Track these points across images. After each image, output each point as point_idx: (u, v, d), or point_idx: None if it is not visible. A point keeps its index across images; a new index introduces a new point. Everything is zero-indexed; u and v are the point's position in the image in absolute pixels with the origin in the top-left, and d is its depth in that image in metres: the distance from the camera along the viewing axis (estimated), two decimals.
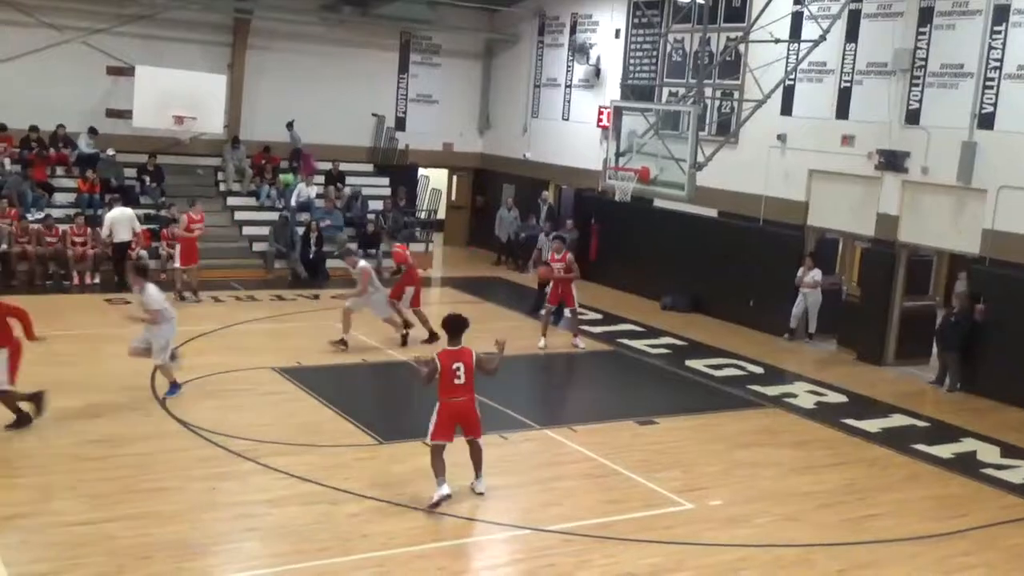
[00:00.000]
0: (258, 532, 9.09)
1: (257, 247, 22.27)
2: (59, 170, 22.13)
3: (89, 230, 19.78)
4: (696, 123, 16.97)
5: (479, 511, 9.90)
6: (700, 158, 16.78)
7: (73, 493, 9.59)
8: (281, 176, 24.02)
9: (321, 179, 24.35)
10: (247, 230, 22.70)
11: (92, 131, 22.39)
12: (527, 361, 16.30)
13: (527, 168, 26.37)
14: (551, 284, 17.28)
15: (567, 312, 17.38)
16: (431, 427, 9.85)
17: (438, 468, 9.80)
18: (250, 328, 16.49)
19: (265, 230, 22.28)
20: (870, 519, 10.44)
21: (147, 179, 22.49)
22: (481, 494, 10.13)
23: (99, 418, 11.79)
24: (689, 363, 16.62)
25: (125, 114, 22.00)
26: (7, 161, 21.45)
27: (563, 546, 9.20)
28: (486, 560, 9.17)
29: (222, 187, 23.87)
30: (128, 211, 19.64)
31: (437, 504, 9.67)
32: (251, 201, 23.74)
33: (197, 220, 19.33)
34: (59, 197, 21.44)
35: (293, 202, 23.20)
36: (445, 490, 9.73)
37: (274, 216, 22.73)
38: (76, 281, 19.37)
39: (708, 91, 19.28)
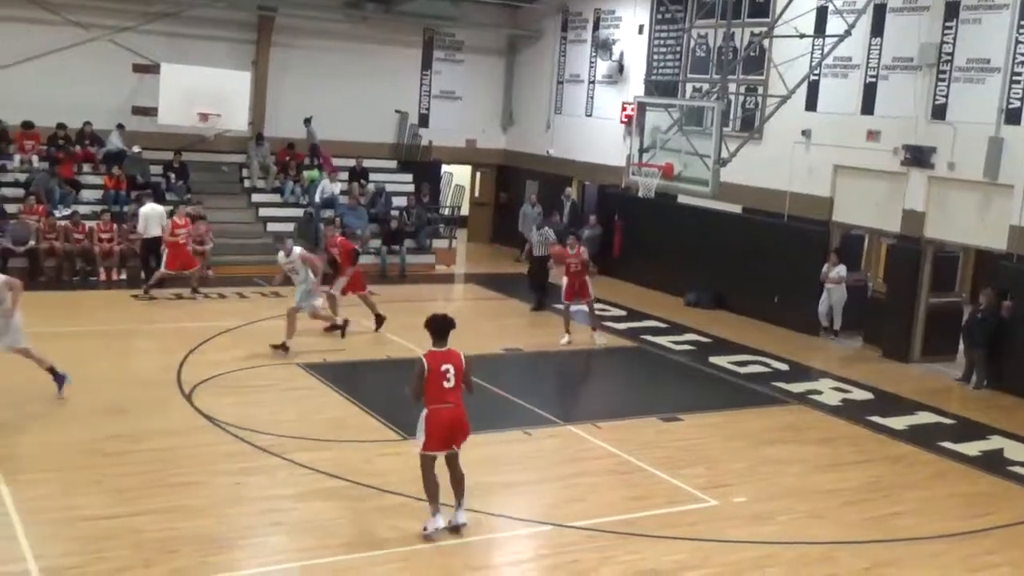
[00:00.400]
0: (283, 527, 9.13)
1: None
2: (86, 167, 22.29)
3: (115, 226, 19.92)
4: (720, 119, 16.92)
5: (502, 507, 9.90)
6: (724, 154, 16.73)
7: (99, 487, 9.66)
8: (305, 172, 24.11)
9: (345, 175, 24.42)
10: (271, 226, 22.77)
11: (121, 128, 22.58)
12: (551, 357, 16.32)
13: (550, 164, 26.36)
14: (565, 280, 17.18)
15: (583, 305, 17.22)
16: (421, 439, 8.98)
17: (431, 490, 9.02)
18: (275, 324, 16.51)
19: (289, 226, 22.31)
20: (895, 517, 10.37)
21: (172, 176, 22.62)
22: (462, 525, 9.15)
23: (125, 413, 11.87)
24: (713, 360, 16.57)
25: (151, 111, 22.16)
26: (35, 158, 21.65)
27: (587, 542, 9.19)
28: (509, 556, 9.17)
29: (246, 183, 23.98)
30: (159, 207, 19.76)
31: (430, 536, 8.93)
32: (275, 197, 23.83)
33: (181, 225, 18.88)
34: (86, 194, 21.61)
35: (317, 198, 23.26)
36: (440, 522, 9.00)
37: (298, 212, 22.82)
38: (103, 277, 19.52)
39: (732, 87, 19.22)
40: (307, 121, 24.67)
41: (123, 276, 19.73)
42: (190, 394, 12.68)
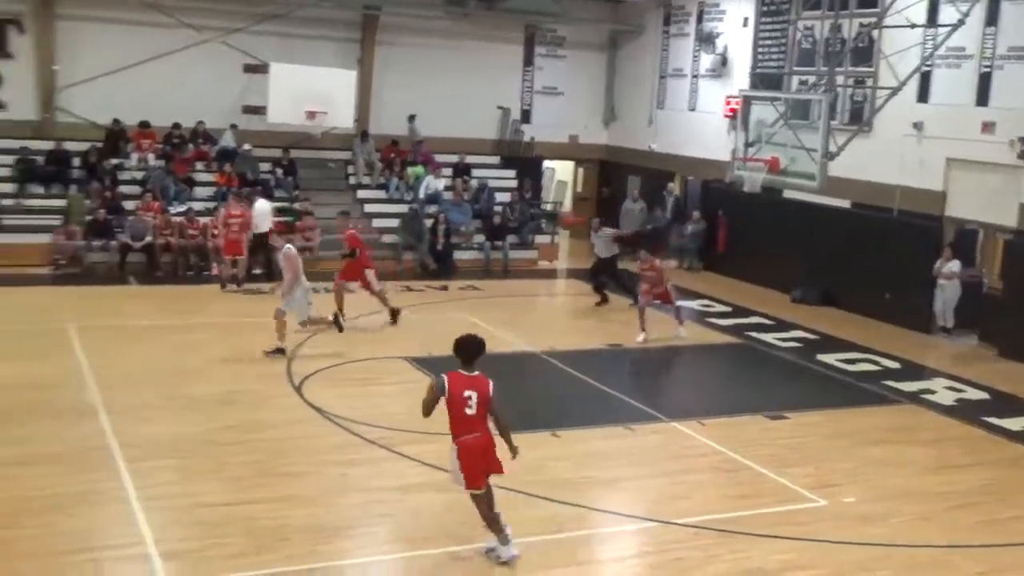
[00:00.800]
0: (391, 518, 9.31)
1: (386, 239, 22.69)
2: (199, 165, 22.98)
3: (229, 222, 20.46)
4: (827, 112, 16.63)
5: (605, 502, 9.92)
6: (832, 148, 16.41)
7: (215, 476, 9.98)
8: (410, 169, 24.42)
9: (449, 172, 24.68)
10: (376, 222, 23.15)
11: (234, 127, 23.24)
12: (654, 353, 16.24)
13: (653, 159, 26.20)
14: (641, 285, 16.95)
15: (676, 304, 16.97)
16: (460, 477, 8.35)
17: (494, 523, 8.41)
18: (381, 318, 16.81)
19: (394, 222, 22.68)
20: (1014, 521, 10.06)
21: (281, 173, 23.16)
22: (510, 557, 8.48)
23: (238, 404, 12.23)
24: (821, 357, 16.28)
25: (260, 110, 22.72)
26: (151, 157, 22.39)
27: (691, 540, 9.14)
28: (613, 551, 9.19)
29: (352, 180, 24.41)
30: (268, 204, 20.30)
31: (507, 563, 8.41)
32: (380, 194, 24.20)
33: (237, 215, 19.37)
34: (199, 191, 22.28)
35: (422, 194, 23.55)
36: (514, 551, 8.43)
37: (403, 208, 23.12)
38: (216, 272, 20.08)
39: (840, 79, 18.83)
40: (411, 118, 25.00)
41: (234, 271, 20.26)
42: (300, 386, 12.98)
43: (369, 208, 23.68)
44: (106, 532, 8.65)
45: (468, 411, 8.24)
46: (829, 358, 16.23)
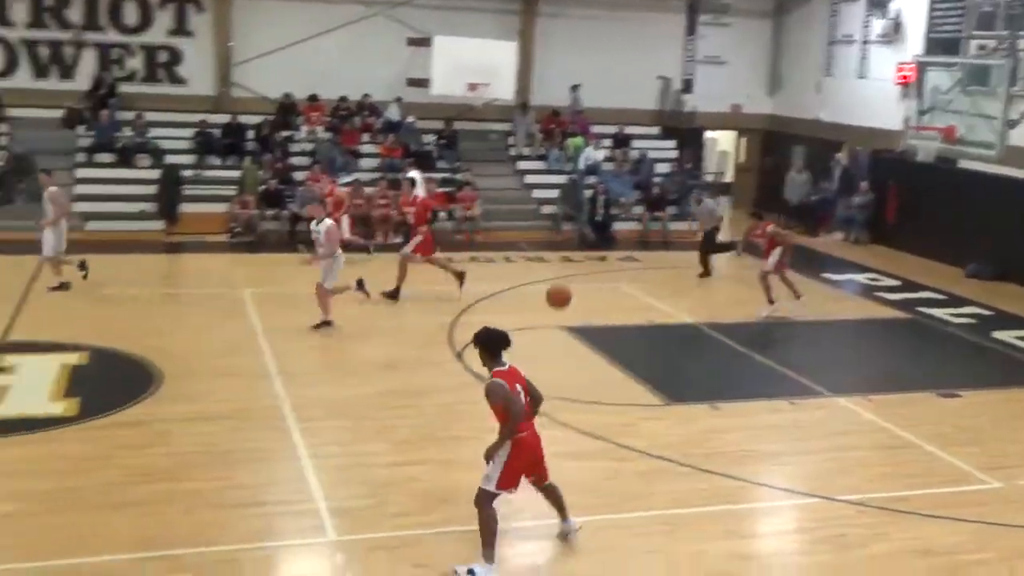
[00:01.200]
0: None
1: (546, 209, 22.83)
2: (364, 137, 23.58)
3: (392, 192, 20.96)
4: (1008, 78, 15.80)
5: (766, 476, 9.78)
6: (1013, 115, 15.61)
7: (381, 437, 10.30)
8: (570, 140, 24.43)
9: (608, 142, 24.58)
10: (536, 193, 23.31)
11: (399, 100, 23.75)
12: (818, 328, 15.86)
13: (818, 129, 25.42)
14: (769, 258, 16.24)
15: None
16: (496, 473, 7.64)
17: (490, 537, 7.59)
18: (539, 288, 16.88)
19: (553, 193, 22.77)
20: None
21: (442, 144, 23.54)
22: (576, 531, 8.25)
23: (400, 369, 12.56)
24: (996, 334, 15.55)
25: (423, 83, 23.11)
26: (319, 129, 23.12)
27: (855, 517, 8.93)
28: (773, 525, 9.08)
29: (512, 151, 24.62)
30: (421, 174, 20.66)
31: None
32: (540, 165, 24.34)
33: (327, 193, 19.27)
34: (364, 162, 22.88)
35: (581, 165, 23.55)
36: (494, 574, 7.63)
37: (562, 179, 23.18)
38: (381, 240, 20.59)
39: (1022, 43, 17.82)
40: (574, 88, 24.97)
41: (398, 240, 20.70)
42: (460, 353, 13.23)
43: (529, 179, 23.85)
44: (278, 488, 9.06)
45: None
46: (1006, 335, 15.49)
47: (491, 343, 7.79)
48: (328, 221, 14.20)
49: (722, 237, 19.79)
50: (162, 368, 11.99)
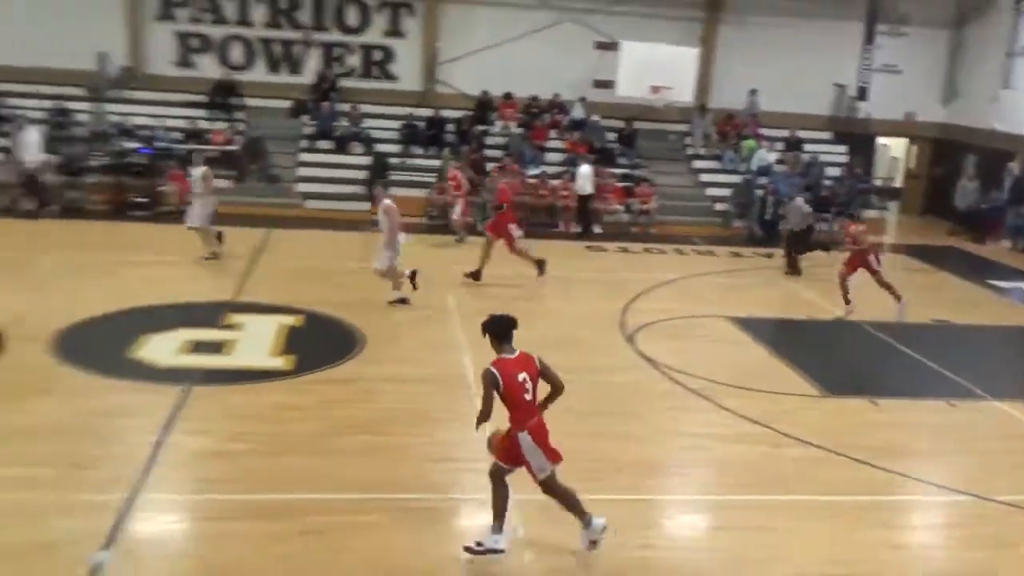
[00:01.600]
0: (708, 464, 9.42)
1: (718, 206, 22.58)
2: (552, 133, 23.87)
3: (572, 185, 21.19)
4: None
5: (920, 472, 9.48)
6: None
7: (556, 408, 10.48)
8: (744, 142, 24.07)
9: (780, 145, 24.07)
10: (709, 191, 23.08)
11: (583, 100, 23.93)
12: (983, 331, 15.17)
13: (992, 139, 24.13)
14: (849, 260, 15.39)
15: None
16: (541, 460, 7.34)
17: (500, 504, 7.28)
18: (708, 280, 16.83)
19: (726, 191, 22.52)
20: None
21: (623, 142, 23.58)
22: (601, 533, 7.49)
23: (574, 349, 12.62)
24: None
25: (609, 84, 23.20)
26: (512, 125, 23.54)
27: (1009, 517, 8.57)
28: (924, 520, 8.82)
29: (689, 151, 24.42)
30: (589, 168, 20.83)
31: (483, 552, 7.20)
32: (714, 164, 24.06)
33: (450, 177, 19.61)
34: (550, 156, 23.17)
35: (754, 166, 23.17)
36: (501, 543, 7.22)
37: (735, 179, 22.87)
38: (563, 228, 20.84)
39: None
40: (752, 92, 24.55)
41: (578, 229, 20.94)
42: (631, 337, 13.32)
43: (703, 178, 23.63)
44: (465, 447, 9.36)
45: (526, 396, 7.24)
46: None
47: (499, 330, 7.42)
48: (387, 202, 14.09)
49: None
50: (365, 333, 12.58)
